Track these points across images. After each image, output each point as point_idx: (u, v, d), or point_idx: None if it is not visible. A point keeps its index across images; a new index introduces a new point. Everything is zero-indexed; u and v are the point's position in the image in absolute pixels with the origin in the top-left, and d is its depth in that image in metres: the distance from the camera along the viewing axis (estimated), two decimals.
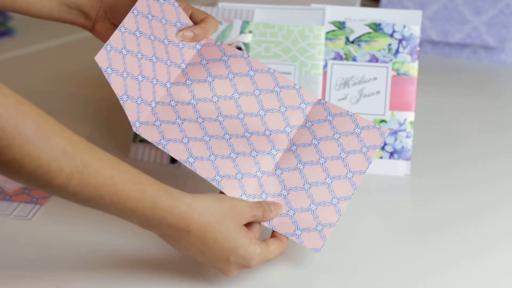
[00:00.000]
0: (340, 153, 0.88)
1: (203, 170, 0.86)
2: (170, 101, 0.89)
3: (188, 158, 0.86)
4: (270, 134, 0.90)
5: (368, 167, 0.87)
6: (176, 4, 0.92)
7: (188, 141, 0.87)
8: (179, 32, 0.91)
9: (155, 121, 0.88)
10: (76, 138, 0.73)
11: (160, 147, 0.86)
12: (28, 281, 0.84)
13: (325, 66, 1.09)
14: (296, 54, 1.09)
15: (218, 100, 0.90)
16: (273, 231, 0.85)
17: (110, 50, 0.83)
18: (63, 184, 0.71)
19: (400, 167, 1.07)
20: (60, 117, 1.19)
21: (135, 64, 0.86)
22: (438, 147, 1.15)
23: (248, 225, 0.83)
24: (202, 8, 1.12)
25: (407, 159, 1.07)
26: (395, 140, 1.07)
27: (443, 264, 0.88)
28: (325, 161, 0.88)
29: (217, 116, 0.90)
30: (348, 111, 0.90)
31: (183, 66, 0.91)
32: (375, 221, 0.97)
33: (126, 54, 0.85)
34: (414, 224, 0.97)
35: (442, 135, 1.18)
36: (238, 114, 0.90)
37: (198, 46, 0.93)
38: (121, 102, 0.84)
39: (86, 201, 0.74)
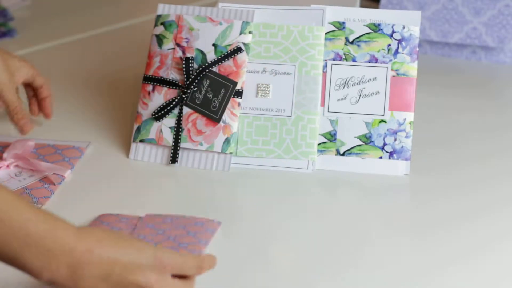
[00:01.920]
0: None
1: None
2: None
3: None
4: None
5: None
6: None
7: None
8: None
9: None
10: None
11: None
12: (28, 281, 0.84)
13: (325, 66, 1.10)
14: (296, 54, 1.09)
15: None
16: None
17: None
18: None
19: (399, 167, 1.07)
20: (60, 117, 1.19)
21: None
22: (437, 147, 1.15)
23: None
24: (203, 9, 1.12)
25: (406, 159, 1.07)
26: (395, 140, 1.07)
27: (442, 264, 0.88)
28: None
29: None
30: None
31: None
32: (375, 221, 0.97)
33: None
34: (413, 224, 0.97)
35: (441, 135, 1.18)
36: None
37: None
38: None
39: None
